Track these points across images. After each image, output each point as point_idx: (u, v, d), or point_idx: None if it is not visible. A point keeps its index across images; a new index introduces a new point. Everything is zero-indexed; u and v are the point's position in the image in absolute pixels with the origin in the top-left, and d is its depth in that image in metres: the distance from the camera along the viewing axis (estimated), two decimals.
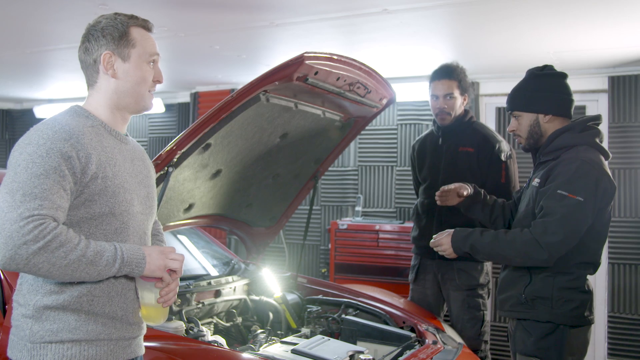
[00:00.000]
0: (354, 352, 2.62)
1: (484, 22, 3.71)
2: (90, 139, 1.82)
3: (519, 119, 2.82)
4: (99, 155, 1.82)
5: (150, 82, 1.98)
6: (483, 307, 3.61)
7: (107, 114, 1.96)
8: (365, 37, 4.06)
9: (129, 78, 1.94)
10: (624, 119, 4.82)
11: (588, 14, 3.43)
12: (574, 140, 2.69)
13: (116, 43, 1.92)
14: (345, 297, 3.51)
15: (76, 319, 1.80)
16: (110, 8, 3.43)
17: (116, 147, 1.93)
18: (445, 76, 3.61)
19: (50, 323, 1.79)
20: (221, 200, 3.39)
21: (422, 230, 3.75)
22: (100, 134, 1.89)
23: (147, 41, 1.99)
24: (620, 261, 4.79)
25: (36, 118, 7.41)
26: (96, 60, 1.93)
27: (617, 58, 4.51)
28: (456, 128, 3.64)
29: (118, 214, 1.85)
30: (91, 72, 1.97)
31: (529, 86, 2.82)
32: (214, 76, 5.73)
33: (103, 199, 1.81)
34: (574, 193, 2.54)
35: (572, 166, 2.59)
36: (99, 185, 1.80)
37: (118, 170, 1.87)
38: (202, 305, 3.16)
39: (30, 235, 1.62)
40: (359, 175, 5.77)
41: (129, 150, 2.00)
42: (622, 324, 4.79)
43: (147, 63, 1.97)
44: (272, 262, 4.24)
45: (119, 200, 1.85)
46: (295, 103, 2.99)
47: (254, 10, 3.51)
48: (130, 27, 1.96)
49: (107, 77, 1.94)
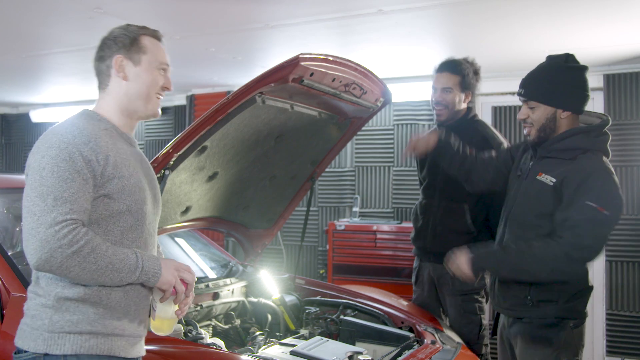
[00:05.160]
0: (352, 353, 2.63)
1: (478, 22, 3.71)
2: (106, 142, 1.90)
3: (535, 110, 2.66)
4: (115, 156, 1.89)
5: (159, 87, 2.06)
6: (480, 311, 3.56)
7: (118, 118, 2.03)
8: (360, 37, 4.06)
9: (140, 80, 2.01)
10: (619, 117, 4.83)
11: (582, 12, 3.43)
12: (590, 144, 2.61)
13: (127, 48, 2.01)
14: (344, 298, 3.51)
15: (95, 312, 1.85)
16: (105, 12, 3.43)
17: (128, 149, 2.01)
18: (446, 69, 3.53)
19: (70, 314, 1.83)
20: (218, 203, 3.39)
21: (418, 231, 3.72)
22: (114, 136, 1.97)
23: (158, 50, 2.08)
24: (618, 258, 4.80)
25: (32, 122, 7.41)
26: (109, 65, 2.02)
27: (612, 56, 4.52)
28: (457, 127, 3.54)
29: (134, 211, 1.93)
30: (104, 76, 2.04)
31: (552, 78, 2.65)
32: (210, 78, 5.73)
33: (121, 197, 1.89)
34: (603, 207, 2.48)
35: (600, 180, 2.53)
36: (117, 184, 1.88)
37: (133, 171, 1.95)
38: (200, 307, 3.16)
39: (65, 239, 1.70)
40: (356, 176, 5.78)
41: (137, 153, 2.07)
42: (621, 321, 4.80)
43: (157, 69, 2.05)
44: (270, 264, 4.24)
45: (136, 199, 1.93)
46: (291, 104, 2.99)
47: (249, 12, 3.51)
48: (140, 36, 2.04)
49: (118, 79, 2.01)
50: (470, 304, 3.54)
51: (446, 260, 2.81)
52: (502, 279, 2.79)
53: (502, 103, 5.24)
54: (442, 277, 3.58)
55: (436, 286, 3.68)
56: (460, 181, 3.16)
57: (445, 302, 3.65)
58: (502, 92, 5.11)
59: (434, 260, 3.60)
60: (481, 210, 3.50)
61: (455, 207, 3.51)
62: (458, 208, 3.50)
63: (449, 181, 3.45)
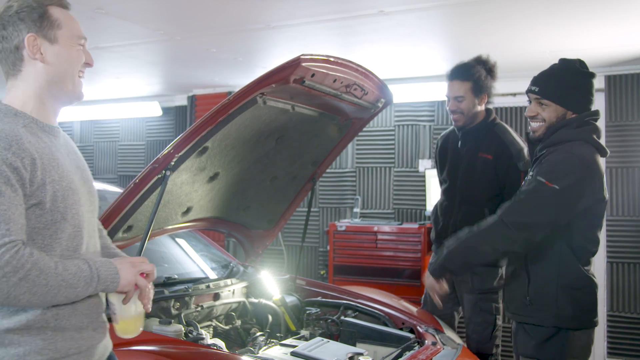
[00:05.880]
0: (353, 354, 2.62)
1: (479, 23, 3.71)
2: (29, 142, 1.63)
3: (546, 108, 2.70)
4: (42, 158, 1.64)
5: (81, 64, 1.80)
6: (495, 311, 3.54)
7: (37, 107, 1.74)
8: (361, 38, 4.06)
9: (61, 61, 1.74)
10: (620, 118, 4.83)
11: (584, 13, 3.43)
12: (570, 135, 2.66)
13: (37, 25, 1.71)
14: (344, 299, 3.50)
15: (43, 339, 1.64)
16: (106, 12, 3.43)
17: (52, 144, 1.73)
18: (456, 77, 3.50)
19: (15, 347, 1.61)
20: (219, 203, 3.38)
21: (439, 233, 3.69)
22: (35, 132, 1.70)
23: (73, 22, 1.80)
24: (618, 260, 4.80)
25: None
26: (18, 46, 1.70)
27: (613, 57, 4.52)
28: (476, 131, 3.53)
29: (70, 217, 1.69)
30: (12, 60, 1.72)
31: (569, 80, 2.71)
32: (211, 79, 5.73)
33: (54, 205, 1.65)
34: (551, 181, 2.52)
35: (559, 157, 2.59)
36: (48, 191, 1.63)
37: (62, 172, 1.70)
38: (201, 308, 3.16)
39: (8, 267, 1.48)
40: (357, 176, 5.78)
41: (63, 145, 1.81)
42: (621, 323, 4.80)
43: (76, 45, 1.78)
44: (271, 265, 4.23)
45: (69, 204, 1.69)
46: (292, 105, 2.99)
47: (250, 12, 3.52)
48: (47, 7, 1.74)
49: (34, 62, 1.72)
50: (487, 303, 3.53)
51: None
52: (459, 272, 2.88)
53: (503, 104, 5.23)
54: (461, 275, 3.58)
55: (454, 285, 3.67)
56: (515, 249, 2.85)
57: (462, 300, 3.65)
58: (503, 93, 5.10)
59: None
60: None
61: (476, 211, 3.43)
62: (479, 212, 3.43)
63: (469, 186, 3.48)
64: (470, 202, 3.52)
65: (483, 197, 3.35)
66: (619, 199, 4.81)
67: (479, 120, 3.55)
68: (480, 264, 2.75)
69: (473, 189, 3.48)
